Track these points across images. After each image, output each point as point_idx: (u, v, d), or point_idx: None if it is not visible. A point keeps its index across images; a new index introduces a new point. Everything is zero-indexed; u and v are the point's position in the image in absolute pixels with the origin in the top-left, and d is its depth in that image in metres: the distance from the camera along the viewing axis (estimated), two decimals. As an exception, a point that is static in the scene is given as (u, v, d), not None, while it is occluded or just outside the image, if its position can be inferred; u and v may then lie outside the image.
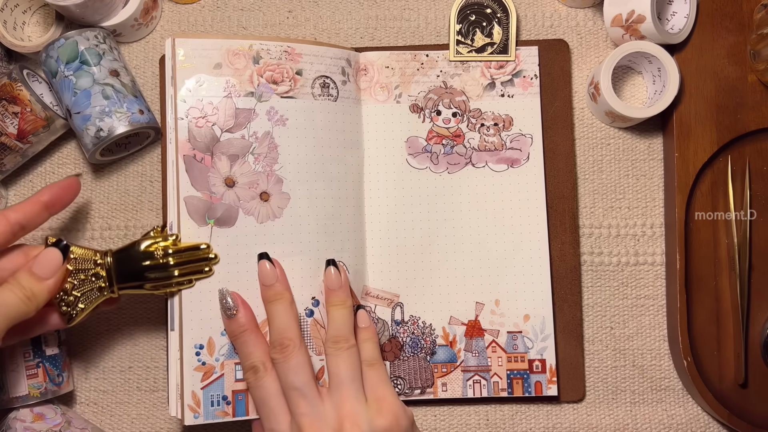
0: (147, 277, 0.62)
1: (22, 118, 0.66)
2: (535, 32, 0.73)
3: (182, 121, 0.65)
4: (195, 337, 0.63)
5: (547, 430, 0.70)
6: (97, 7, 0.67)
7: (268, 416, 0.59)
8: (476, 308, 0.68)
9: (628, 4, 0.67)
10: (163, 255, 0.62)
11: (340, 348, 0.61)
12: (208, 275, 0.63)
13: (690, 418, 0.70)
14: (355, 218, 0.68)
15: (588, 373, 0.71)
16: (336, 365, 0.61)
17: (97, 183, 0.72)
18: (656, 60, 0.68)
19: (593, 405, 0.70)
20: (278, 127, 0.66)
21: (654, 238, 0.71)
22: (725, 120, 0.69)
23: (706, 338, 0.69)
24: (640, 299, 0.71)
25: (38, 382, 0.64)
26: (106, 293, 0.61)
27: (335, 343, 0.61)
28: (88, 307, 0.61)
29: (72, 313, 0.61)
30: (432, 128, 0.70)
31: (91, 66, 0.66)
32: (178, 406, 0.63)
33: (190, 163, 0.65)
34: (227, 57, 0.66)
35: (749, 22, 0.69)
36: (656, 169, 0.72)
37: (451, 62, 0.71)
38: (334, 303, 0.63)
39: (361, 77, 0.70)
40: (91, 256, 0.61)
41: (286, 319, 0.61)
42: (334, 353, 0.61)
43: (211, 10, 0.74)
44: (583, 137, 0.72)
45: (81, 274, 0.61)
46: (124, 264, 0.61)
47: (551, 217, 0.70)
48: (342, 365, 0.61)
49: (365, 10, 0.74)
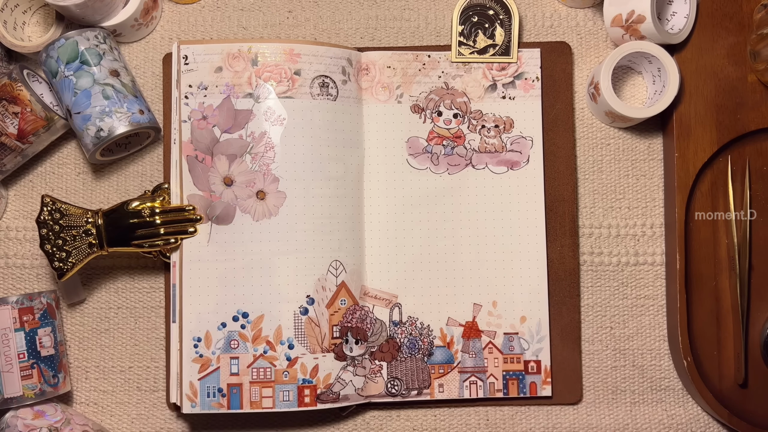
0: (135, 236, 0.66)
1: (23, 119, 0.66)
2: (535, 32, 0.73)
3: (185, 123, 0.67)
4: (193, 330, 0.66)
5: (546, 430, 0.70)
6: (97, 8, 0.67)
7: None
8: (474, 309, 0.68)
9: (628, 5, 0.67)
10: (150, 214, 0.66)
11: None
12: (192, 235, 0.67)
13: (690, 418, 0.70)
14: (354, 218, 0.68)
15: (588, 373, 0.71)
16: None
17: (97, 183, 0.72)
18: (656, 60, 0.68)
19: (593, 405, 0.70)
20: (275, 127, 0.66)
21: (654, 238, 0.71)
22: (725, 120, 0.69)
23: (706, 338, 0.69)
24: (640, 299, 0.71)
25: (33, 383, 0.64)
26: (95, 250, 0.66)
27: None
28: (78, 262, 0.66)
29: (64, 268, 0.65)
30: (433, 129, 0.70)
31: (92, 66, 0.66)
32: (178, 394, 0.66)
33: (192, 164, 0.67)
34: (227, 60, 0.67)
35: (749, 22, 0.69)
36: (656, 169, 0.72)
37: (452, 63, 0.71)
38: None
39: (363, 77, 0.70)
40: (82, 214, 0.66)
41: None
42: None
43: (211, 11, 0.74)
44: (583, 137, 0.72)
45: (73, 230, 0.65)
46: (113, 222, 0.66)
47: (551, 219, 0.70)
48: None
49: (365, 10, 0.74)
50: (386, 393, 0.68)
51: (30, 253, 0.72)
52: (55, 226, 0.66)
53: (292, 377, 0.66)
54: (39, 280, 0.72)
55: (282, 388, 0.66)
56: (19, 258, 0.72)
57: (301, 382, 0.66)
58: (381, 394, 0.68)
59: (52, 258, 0.65)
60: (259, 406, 0.66)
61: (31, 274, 0.72)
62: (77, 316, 0.71)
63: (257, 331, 0.66)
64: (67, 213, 0.66)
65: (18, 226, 0.72)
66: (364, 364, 0.67)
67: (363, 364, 0.67)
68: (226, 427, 0.70)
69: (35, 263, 0.72)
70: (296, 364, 0.66)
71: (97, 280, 0.71)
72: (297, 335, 0.66)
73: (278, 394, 0.66)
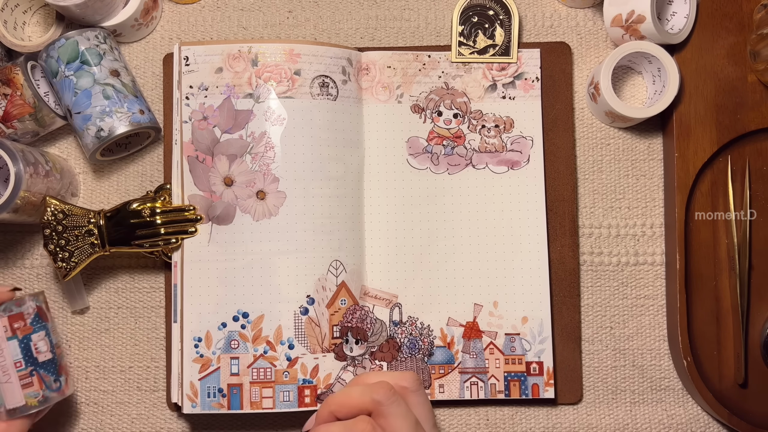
0: (136, 236, 0.66)
1: (10, 101, 0.66)
2: (535, 32, 0.73)
3: (186, 123, 0.67)
4: (194, 330, 0.66)
5: (546, 430, 0.70)
6: (97, 8, 0.67)
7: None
8: (474, 310, 0.68)
9: (628, 4, 0.67)
10: (151, 214, 0.66)
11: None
12: (192, 235, 0.67)
13: (690, 418, 0.70)
14: (354, 217, 0.68)
15: (588, 374, 0.71)
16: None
17: (97, 183, 0.72)
18: (656, 60, 0.68)
19: (593, 405, 0.70)
20: (275, 127, 0.66)
21: (654, 238, 0.71)
22: (725, 120, 0.69)
23: (706, 338, 0.69)
24: (640, 299, 0.71)
25: (34, 390, 0.63)
26: (97, 250, 0.66)
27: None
28: (81, 263, 0.66)
29: (67, 268, 0.66)
30: (433, 129, 0.70)
31: (92, 66, 0.66)
32: (179, 394, 0.66)
33: (193, 164, 0.68)
34: (227, 61, 0.67)
35: (749, 22, 0.69)
36: (656, 169, 0.72)
37: (452, 63, 0.71)
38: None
39: (363, 77, 0.70)
40: (84, 215, 0.66)
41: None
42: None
43: (211, 10, 0.74)
44: (582, 137, 0.72)
45: (75, 230, 0.66)
46: (114, 222, 0.66)
47: (551, 219, 0.70)
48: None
49: (365, 10, 0.74)
50: (386, 393, 0.68)
51: (30, 253, 0.72)
52: (58, 226, 0.66)
53: (292, 377, 0.66)
54: (39, 281, 0.72)
55: (282, 388, 0.66)
56: (18, 258, 0.72)
57: (301, 383, 0.66)
58: (381, 394, 0.68)
59: (56, 258, 0.66)
60: (260, 406, 0.66)
61: (31, 274, 0.72)
62: (77, 317, 0.71)
63: (257, 331, 0.66)
64: (70, 213, 0.66)
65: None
66: (365, 364, 0.67)
67: (363, 364, 0.67)
68: (226, 427, 0.70)
69: (35, 263, 0.72)
70: (296, 364, 0.66)
71: (97, 280, 0.72)
72: (297, 335, 0.66)
73: (278, 395, 0.66)
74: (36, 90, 0.67)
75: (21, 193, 0.63)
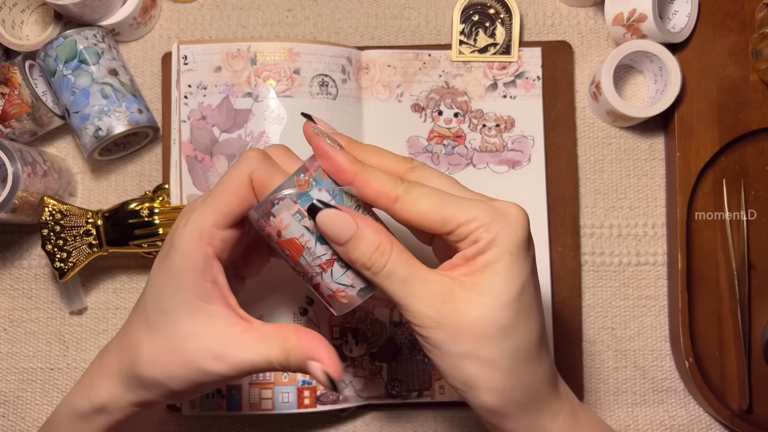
0: (134, 236, 0.66)
1: (8, 101, 0.66)
2: (536, 31, 0.72)
3: (185, 123, 0.67)
4: None
5: (547, 431, 0.70)
6: (95, 6, 0.67)
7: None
8: (476, 309, 0.68)
9: (629, 3, 0.67)
10: (149, 214, 0.66)
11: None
12: None
13: (692, 419, 0.70)
14: (354, 218, 0.68)
15: (589, 374, 0.70)
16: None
17: (95, 183, 0.72)
18: (658, 59, 0.67)
19: (594, 406, 0.70)
20: (274, 126, 0.66)
21: (656, 238, 0.71)
22: (727, 119, 0.69)
23: (708, 339, 0.69)
24: (642, 299, 0.71)
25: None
26: (96, 250, 0.66)
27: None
28: (79, 263, 0.66)
29: (65, 268, 0.66)
30: (433, 128, 0.70)
31: (90, 65, 0.66)
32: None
33: (192, 164, 0.67)
34: (226, 60, 0.67)
35: (751, 21, 0.69)
36: (658, 169, 0.71)
37: (453, 62, 0.70)
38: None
39: (363, 75, 0.70)
40: (82, 215, 0.66)
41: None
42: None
43: (210, 9, 0.73)
44: (584, 137, 0.72)
45: (73, 230, 0.66)
46: (113, 222, 0.66)
47: (552, 219, 0.69)
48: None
49: (365, 9, 0.73)
50: (386, 394, 0.67)
51: (27, 253, 0.72)
52: (56, 226, 0.66)
53: (291, 379, 0.66)
54: (36, 281, 0.71)
55: (281, 389, 0.66)
56: (16, 259, 0.71)
57: (300, 384, 0.66)
58: (381, 395, 0.67)
59: (53, 258, 0.66)
60: (259, 407, 0.66)
61: (29, 274, 0.71)
62: (75, 317, 0.71)
63: (256, 331, 0.66)
64: (68, 213, 0.66)
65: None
66: (364, 365, 0.67)
67: (363, 365, 0.67)
68: (225, 429, 0.70)
69: (33, 263, 0.71)
70: (296, 365, 0.66)
71: (95, 280, 0.71)
72: (296, 336, 0.66)
73: (277, 396, 0.66)
74: (34, 89, 0.67)
75: (18, 193, 0.62)
